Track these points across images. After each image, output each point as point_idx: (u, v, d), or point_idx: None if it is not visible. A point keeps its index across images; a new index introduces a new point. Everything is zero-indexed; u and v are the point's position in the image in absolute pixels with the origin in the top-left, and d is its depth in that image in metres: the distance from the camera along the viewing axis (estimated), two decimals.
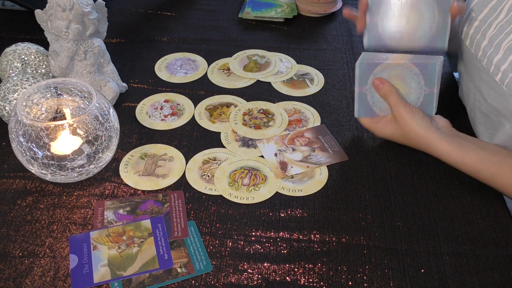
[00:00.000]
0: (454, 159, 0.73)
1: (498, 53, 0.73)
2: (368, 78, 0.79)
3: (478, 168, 0.72)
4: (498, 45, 0.73)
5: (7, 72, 0.84)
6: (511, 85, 0.70)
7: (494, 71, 0.73)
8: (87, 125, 0.70)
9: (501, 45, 0.72)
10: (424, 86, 0.77)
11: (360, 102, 0.81)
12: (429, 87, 0.77)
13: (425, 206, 0.74)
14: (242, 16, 1.15)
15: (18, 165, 0.74)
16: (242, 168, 0.79)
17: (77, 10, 0.79)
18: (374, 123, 0.81)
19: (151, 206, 0.73)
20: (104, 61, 0.88)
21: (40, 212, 0.71)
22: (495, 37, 0.74)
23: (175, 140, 0.83)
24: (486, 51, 0.75)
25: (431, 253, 0.68)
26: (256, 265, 0.66)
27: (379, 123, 0.80)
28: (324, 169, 0.79)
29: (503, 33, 0.73)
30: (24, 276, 0.64)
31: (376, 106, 0.80)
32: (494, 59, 0.73)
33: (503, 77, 0.71)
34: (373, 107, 0.80)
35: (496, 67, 0.73)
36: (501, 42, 0.73)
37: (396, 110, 0.76)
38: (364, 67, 0.78)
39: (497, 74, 0.73)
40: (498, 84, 0.72)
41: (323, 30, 1.12)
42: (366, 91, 0.80)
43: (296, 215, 0.73)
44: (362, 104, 0.81)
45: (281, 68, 1.00)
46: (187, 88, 0.94)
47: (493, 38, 0.74)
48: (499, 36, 0.73)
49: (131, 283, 0.63)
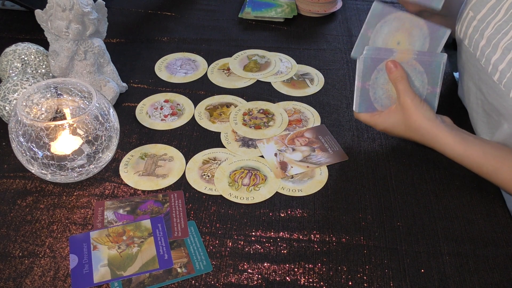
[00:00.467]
0: (457, 152, 0.72)
1: (496, 53, 0.73)
2: (372, 73, 0.78)
3: (481, 162, 0.71)
4: (496, 44, 0.73)
5: (7, 72, 0.84)
6: (508, 85, 0.70)
7: (492, 70, 0.73)
8: (87, 125, 0.70)
9: (498, 44, 0.72)
10: (427, 84, 0.77)
11: (362, 98, 0.80)
12: (432, 86, 0.77)
13: (425, 206, 0.74)
14: (242, 16, 1.15)
15: (18, 165, 0.74)
16: (242, 168, 0.79)
17: (77, 10, 0.79)
18: (375, 115, 0.79)
19: (151, 206, 0.73)
20: (104, 61, 0.88)
21: (40, 212, 0.71)
22: (493, 36, 0.74)
23: (175, 140, 0.83)
24: (484, 50, 0.75)
25: (431, 253, 0.68)
26: (256, 265, 0.66)
27: (381, 114, 0.79)
28: (324, 169, 0.79)
29: (501, 33, 0.73)
30: (24, 276, 0.64)
31: (377, 102, 0.79)
32: (492, 58, 0.73)
33: (501, 77, 0.71)
34: (374, 103, 0.80)
35: (494, 66, 0.73)
36: (498, 41, 0.73)
37: (404, 97, 0.75)
38: (369, 62, 0.77)
39: (495, 74, 0.73)
40: (496, 83, 0.72)
41: (323, 30, 1.12)
42: (369, 86, 0.78)
43: (296, 215, 0.73)
44: (364, 99, 0.80)
45: (281, 68, 1.00)
46: (187, 88, 0.94)
47: (491, 37, 0.74)
48: (497, 35, 0.73)
49: (131, 283, 0.63)
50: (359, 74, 0.78)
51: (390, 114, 0.77)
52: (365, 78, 0.78)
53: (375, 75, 0.78)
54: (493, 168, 0.71)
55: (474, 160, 0.72)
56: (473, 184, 0.77)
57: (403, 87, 0.75)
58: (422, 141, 0.76)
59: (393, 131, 0.79)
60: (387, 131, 0.80)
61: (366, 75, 0.78)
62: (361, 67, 0.77)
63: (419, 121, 0.74)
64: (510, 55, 0.70)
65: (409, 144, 0.84)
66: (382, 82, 0.78)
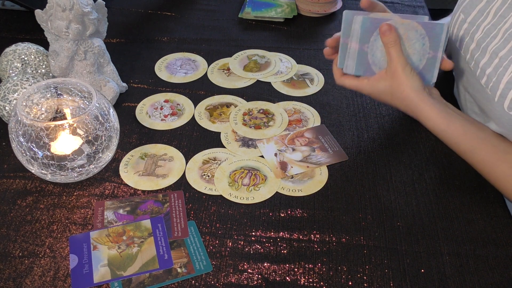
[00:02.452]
0: (439, 126, 0.71)
1: (484, 57, 0.73)
2: (371, 36, 0.74)
3: (460, 139, 0.71)
4: (485, 48, 0.73)
5: (7, 72, 0.84)
6: (494, 89, 0.70)
7: (480, 74, 0.73)
8: (87, 125, 0.70)
9: (487, 48, 0.72)
10: (428, 48, 0.74)
11: (359, 60, 0.76)
12: (433, 50, 0.74)
13: (425, 206, 0.74)
14: (242, 16, 1.15)
15: (18, 165, 0.74)
16: (242, 168, 0.79)
17: (77, 10, 0.79)
18: (362, 80, 0.77)
19: (151, 206, 0.73)
20: (104, 61, 0.88)
21: (40, 212, 0.71)
22: (482, 40, 0.74)
23: (175, 140, 0.83)
24: (474, 54, 0.75)
25: (431, 253, 0.68)
26: (256, 265, 0.66)
27: (369, 79, 0.76)
28: (324, 169, 0.79)
29: (489, 36, 0.72)
30: (24, 276, 0.64)
31: (375, 65, 0.76)
32: (481, 62, 0.73)
33: (487, 80, 0.71)
34: (372, 66, 0.76)
35: (482, 70, 0.73)
36: (487, 45, 0.72)
37: (396, 64, 0.72)
38: (368, 23, 0.73)
39: (482, 78, 0.72)
40: (483, 87, 0.72)
41: (323, 30, 1.12)
42: (367, 49, 0.75)
43: (296, 215, 0.73)
44: (361, 62, 0.76)
45: (281, 68, 1.00)
46: (187, 88, 0.94)
47: (480, 41, 0.74)
48: (486, 39, 0.73)
49: (131, 283, 0.63)
50: (357, 36, 0.74)
51: (380, 80, 0.75)
52: (363, 40, 0.75)
53: (374, 37, 0.74)
54: (471, 147, 0.70)
55: (455, 136, 0.71)
56: (473, 184, 0.77)
57: (395, 53, 0.72)
58: (406, 111, 0.75)
59: (379, 97, 0.77)
60: (373, 96, 0.78)
61: (365, 37, 0.74)
62: (359, 29, 0.74)
63: (407, 91, 0.72)
64: (497, 60, 0.70)
65: (409, 144, 0.84)
66: (381, 44, 0.75)
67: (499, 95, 0.69)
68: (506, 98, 0.68)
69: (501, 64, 0.69)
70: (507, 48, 0.69)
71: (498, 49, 0.70)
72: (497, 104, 0.70)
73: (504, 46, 0.70)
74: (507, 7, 0.71)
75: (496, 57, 0.70)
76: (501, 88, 0.69)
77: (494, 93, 0.70)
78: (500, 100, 0.69)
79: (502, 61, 0.69)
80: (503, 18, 0.72)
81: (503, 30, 0.71)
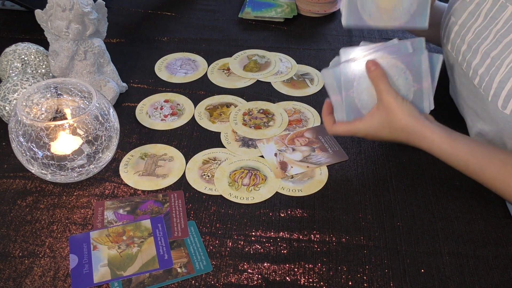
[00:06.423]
0: (445, 150, 0.69)
1: (476, 58, 0.73)
2: (353, 81, 0.73)
3: (469, 160, 0.69)
4: (476, 49, 0.73)
5: (7, 72, 0.84)
6: (487, 89, 0.70)
7: (473, 75, 0.73)
8: (87, 125, 0.70)
9: (478, 49, 0.73)
10: (412, 81, 0.73)
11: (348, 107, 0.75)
12: (417, 82, 0.73)
13: (425, 206, 0.74)
14: (242, 16, 1.15)
15: (18, 165, 0.74)
16: (242, 168, 0.79)
17: (77, 10, 0.79)
18: (355, 122, 0.74)
19: (151, 206, 0.73)
20: (104, 61, 0.88)
21: (40, 212, 0.71)
22: (473, 41, 0.74)
23: (175, 140, 0.83)
24: (465, 55, 0.75)
25: (431, 253, 0.68)
26: (256, 265, 0.66)
27: (362, 119, 0.73)
28: (324, 169, 0.79)
29: (480, 38, 0.73)
30: (24, 276, 0.64)
31: (364, 108, 0.74)
32: (473, 63, 0.73)
33: (480, 81, 0.72)
34: (362, 110, 0.75)
35: (474, 71, 0.73)
36: (478, 46, 0.73)
37: (386, 96, 0.70)
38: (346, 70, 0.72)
39: (475, 78, 0.73)
40: (476, 87, 0.73)
41: (323, 30, 1.13)
42: (353, 93, 0.74)
43: (296, 215, 0.73)
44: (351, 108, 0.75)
45: (281, 68, 1.00)
46: (187, 88, 0.94)
47: (471, 42, 0.75)
48: (477, 40, 0.74)
49: (131, 283, 0.63)
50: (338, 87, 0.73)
51: (373, 116, 0.72)
52: (347, 87, 0.73)
53: (356, 81, 0.73)
54: (480, 166, 0.69)
55: (462, 158, 0.69)
56: (473, 184, 0.77)
57: (384, 85, 0.71)
58: (408, 140, 0.72)
59: (377, 135, 0.73)
60: (370, 136, 0.74)
61: (347, 84, 0.73)
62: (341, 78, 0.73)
63: (405, 119, 0.70)
64: (489, 60, 0.71)
65: None
66: (364, 86, 0.73)
67: (493, 95, 0.69)
68: (500, 97, 0.68)
69: (494, 64, 0.70)
70: (498, 48, 0.70)
71: (489, 50, 0.71)
72: (490, 103, 0.70)
73: (496, 47, 0.70)
74: (497, 9, 0.72)
75: (488, 58, 0.71)
76: (494, 88, 0.69)
77: (487, 93, 0.70)
78: (493, 100, 0.69)
79: (494, 61, 0.70)
80: (494, 20, 0.72)
81: (494, 31, 0.71)
